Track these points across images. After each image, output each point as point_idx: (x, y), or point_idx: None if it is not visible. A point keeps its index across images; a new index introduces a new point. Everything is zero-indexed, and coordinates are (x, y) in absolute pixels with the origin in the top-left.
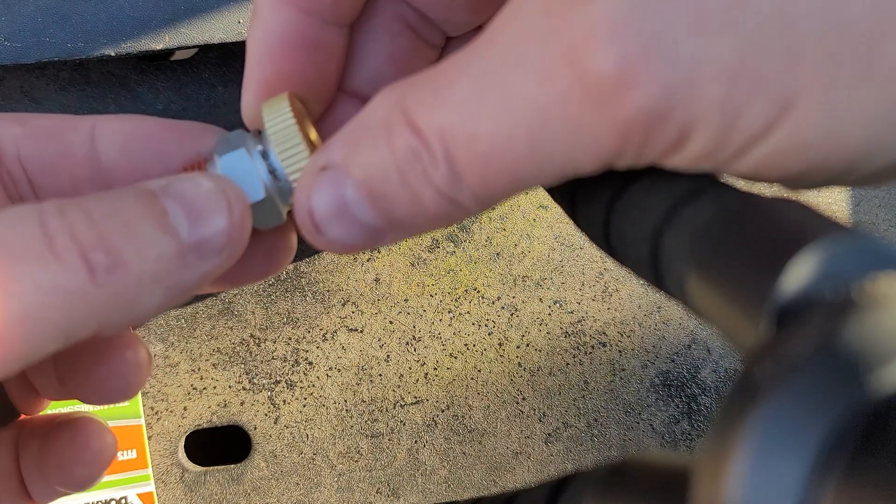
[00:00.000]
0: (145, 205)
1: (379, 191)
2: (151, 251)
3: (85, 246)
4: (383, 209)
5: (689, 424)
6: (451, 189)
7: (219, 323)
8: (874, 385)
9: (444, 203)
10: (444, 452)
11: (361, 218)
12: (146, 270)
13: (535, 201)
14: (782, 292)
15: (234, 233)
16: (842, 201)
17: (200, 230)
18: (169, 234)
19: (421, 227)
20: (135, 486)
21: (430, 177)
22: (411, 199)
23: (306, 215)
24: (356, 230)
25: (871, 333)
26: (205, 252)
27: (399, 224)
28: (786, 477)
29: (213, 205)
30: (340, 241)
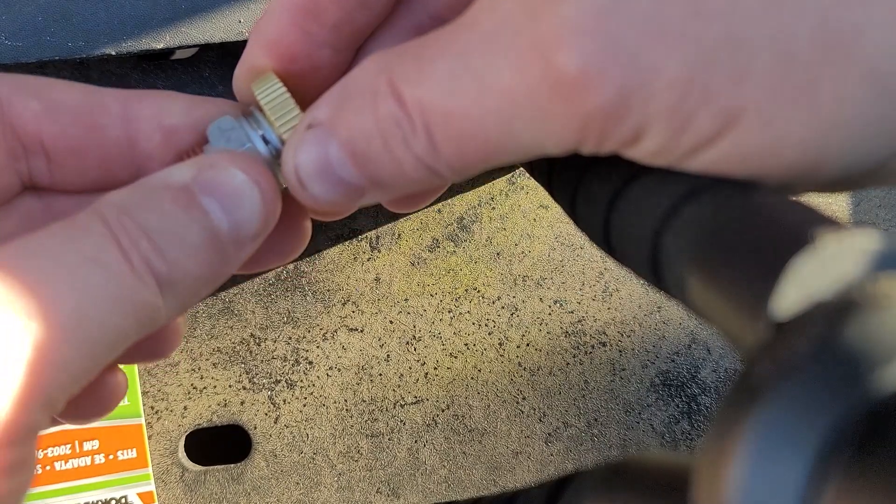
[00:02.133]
0: (187, 208)
1: (362, 152)
2: (201, 256)
3: (153, 263)
4: (365, 169)
5: (689, 424)
6: (428, 158)
7: (219, 322)
8: (874, 385)
9: (423, 169)
10: (444, 452)
11: (344, 176)
12: (199, 275)
13: (535, 201)
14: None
15: (269, 220)
16: (842, 201)
17: (238, 224)
18: (212, 234)
19: (401, 188)
20: (135, 485)
21: (410, 145)
22: (392, 162)
23: (292, 171)
24: (338, 188)
25: (871, 333)
26: (242, 243)
27: (379, 184)
28: (786, 477)
29: (248, 196)
30: (323, 198)
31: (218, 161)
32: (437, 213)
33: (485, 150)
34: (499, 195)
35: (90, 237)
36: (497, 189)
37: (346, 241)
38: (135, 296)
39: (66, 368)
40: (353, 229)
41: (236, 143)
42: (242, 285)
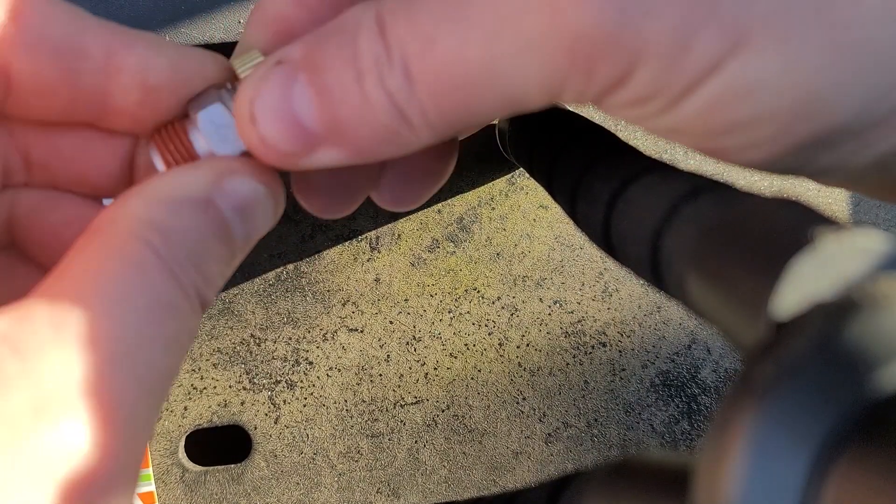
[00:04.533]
0: (215, 224)
1: (329, 88)
2: (224, 270)
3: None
4: (328, 107)
5: (689, 424)
6: (401, 96)
7: (219, 323)
8: (874, 385)
9: (393, 112)
10: (444, 452)
11: (301, 115)
12: (220, 286)
13: (535, 201)
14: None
15: (275, 221)
16: (842, 201)
17: (251, 233)
18: (231, 247)
19: (362, 138)
20: None
21: (385, 80)
22: (361, 100)
23: (246, 102)
24: (291, 130)
25: (870, 333)
26: (248, 249)
27: (339, 131)
28: (786, 476)
29: (265, 209)
30: (271, 140)
31: (235, 168)
32: (437, 213)
33: (463, 92)
34: (499, 195)
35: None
36: (497, 189)
37: (346, 241)
38: (192, 328)
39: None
40: (353, 230)
41: (230, 146)
42: (243, 286)
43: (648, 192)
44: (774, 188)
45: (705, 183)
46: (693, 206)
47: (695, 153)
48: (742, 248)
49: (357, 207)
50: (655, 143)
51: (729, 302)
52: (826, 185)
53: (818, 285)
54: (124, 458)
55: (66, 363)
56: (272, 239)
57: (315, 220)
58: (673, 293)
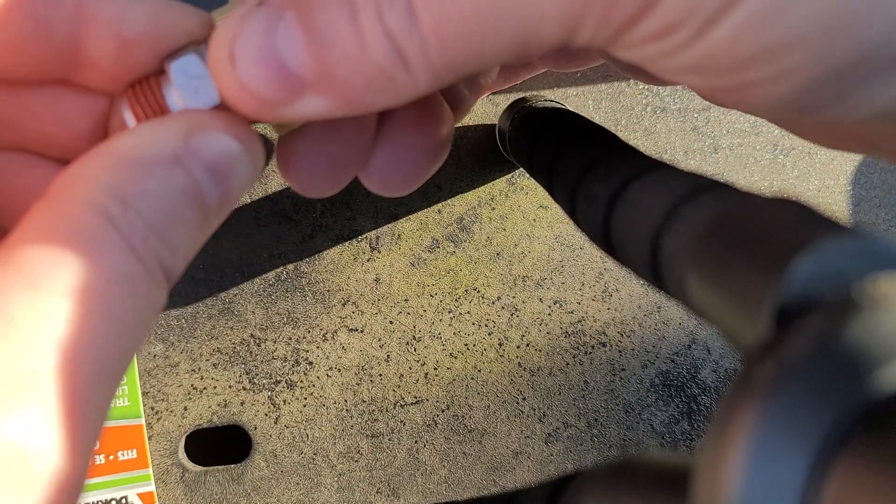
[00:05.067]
0: (183, 187)
1: (320, 26)
2: (195, 236)
3: (164, 261)
4: (318, 50)
5: (689, 424)
6: (402, 32)
7: (219, 323)
8: (874, 385)
9: (391, 52)
10: (444, 452)
11: (286, 58)
12: (192, 255)
13: (535, 201)
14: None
15: (253, 182)
16: (842, 201)
17: (227, 195)
18: (204, 210)
19: (353, 83)
20: (135, 485)
21: (384, 15)
22: (355, 38)
23: (225, 42)
24: (274, 73)
25: (871, 333)
26: (226, 211)
27: (328, 74)
28: (786, 476)
29: (242, 165)
30: (252, 84)
31: (205, 123)
32: (437, 213)
33: (472, 28)
34: (499, 195)
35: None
36: (497, 189)
37: (346, 241)
38: (155, 302)
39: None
40: (353, 230)
41: (203, 98)
42: (242, 286)
43: (648, 192)
44: (774, 188)
45: (705, 183)
46: (693, 206)
47: (695, 153)
48: (742, 247)
49: (343, 187)
50: (655, 144)
51: (729, 302)
52: (848, 148)
53: (818, 285)
54: (76, 447)
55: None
56: (272, 239)
57: (315, 220)
58: (673, 293)
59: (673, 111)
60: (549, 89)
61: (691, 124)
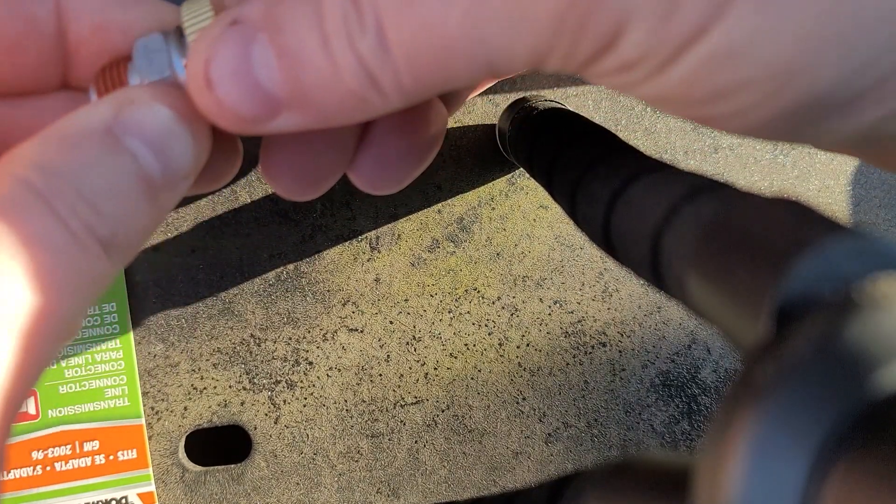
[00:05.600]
0: (114, 155)
1: (293, 50)
2: (137, 206)
3: (95, 228)
4: (292, 72)
5: (690, 424)
6: (373, 60)
7: (219, 323)
8: (874, 385)
9: (363, 77)
10: (444, 452)
11: (262, 79)
12: (139, 226)
13: (535, 201)
14: (783, 292)
15: (200, 157)
16: (842, 201)
17: (170, 166)
18: (145, 180)
19: (327, 107)
20: (135, 485)
21: (355, 42)
22: (327, 63)
23: (200, 65)
24: (251, 94)
25: (871, 334)
26: (175, 185)
27: (303, 97)
28: (786, 476)
29: (177, 135)
30: (231, 104)
31: (139, 96)
32: (437, 213)
33: (443, 56)
34: (499, 195)
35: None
36: (497, 189)
37: (346, 241)
38: (85, 269)
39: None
40: (353, 230)
41: (157, 68)
42: (242, 286)
43: (648, 192)
44: (774, 188)
45: (705, 183)
46: (693, 207)
47: (695, 153)
48: (742, 247)
49: (329, 188)
50: (655, 144)
51: (729, 302)
52: (828, 151)
53: (818, 285)
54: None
55: None
56: (272, 239)
57: (315, 220)
58: (673, 293)
59: None
60: (549, 89)
61: (691, 124)
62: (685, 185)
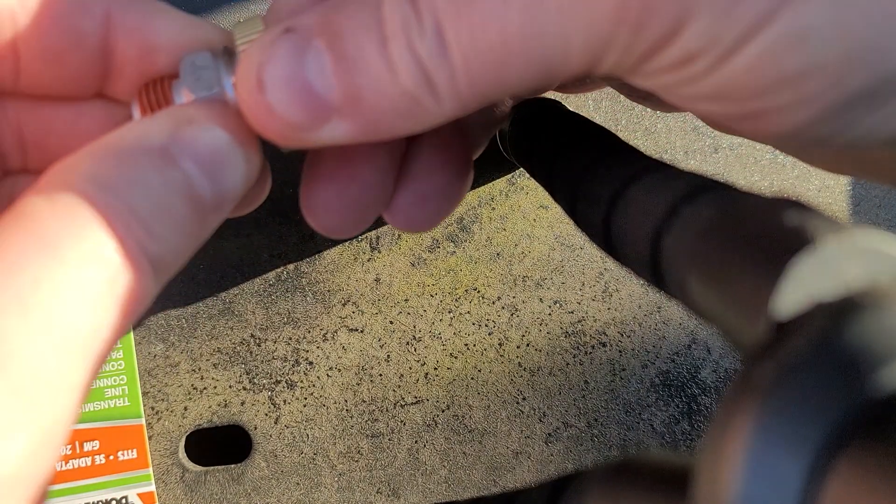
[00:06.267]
0: (170, 176)
1: (350, 54)
2: (186, 227)
3: (146, 246)
4: (347, 77)
5: (690, 424)
6: (431, 60)
7: (219, 323)
8: (874, 385)
9: (420, 79)
10: (444, 452)
11: (316, 85)
12: (186, 247)
13: (535, 201)
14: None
15: (251, 180)
16: (842, 201)
17: (221, 189)
18: (195, 202)
19: (380, 109)
20: (135, 485)
21: (414, 43)
22: (385, 66)
23: (254, 67)
24: (304, 100)
25: (871, 333)
26: (223, 208)
27: (356, 100)
28: (786, 476)
29: (232, 159)
30: (280, 108)
31: (197, 116)
32: None
33: (501, 58)
34: (499, 195)
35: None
36: (497, 189)
37: (346, 241)
38: (135, 287)
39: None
40: None
41: (205, 85)
42: (243, 286)
43: (649, 192)
44: (774, 188)
45: (706, 183)
46: (693, 207)
47: (695, 153)
48: (742, 248)
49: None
50: (656, 144)
51: (729, 302)
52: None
53: (818, 285)
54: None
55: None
56: (272, 239)
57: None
58: (673, 293)
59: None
60: None
61: (691, 124)
62: (685, 185)
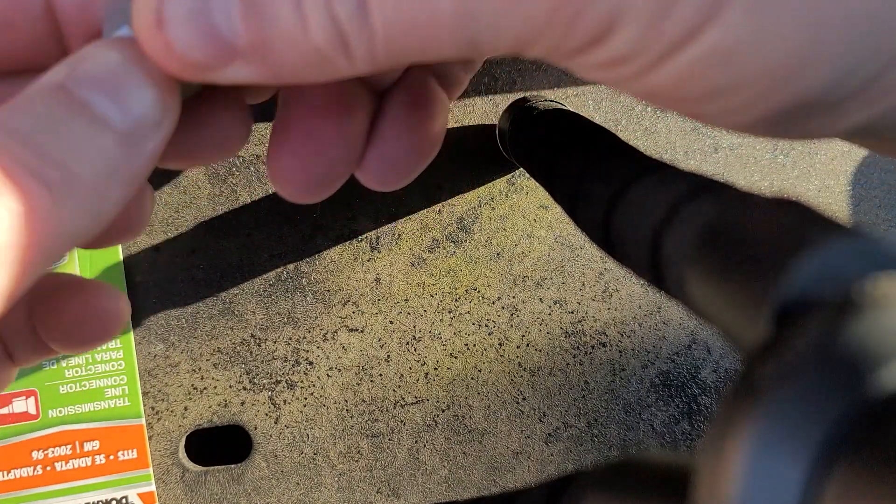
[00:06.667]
0: (65, 104)
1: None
2: (93, 150)
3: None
4: (254, 22)
5: (690, 424)
6: (349, 23)
7: (219, 323)
8: (874, 385)
9: (333, 39)
10: (444, 452)
11: (219, 24)
12: (97, 171)
13: (535, 202)
14: (783, 292)
15: (168, 102)
16: (842, 201)
17: (130, 111)
18: (101, 126)
19: (285, 63)
20: (135, 485)
21: (333, 3)
22: (297, 20)
23: (153, 2)
24: (206, 39)
25: (871, 333)
26: (144, 130)
27: (262, 50)
28: (786, 476)
29: (132, 78)
30: (179, 48)
31: (91, 51)
32: (437, 213)
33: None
34: (499, 195)
35: None
36: (497, 189)
37: (346, 241)
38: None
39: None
40: (353, 230)
41: (115, 26)
42: (243, 286)
43: (649, 192)
44: (774, 188)
45: (705, 183)
46: (693, 207)
47: (695, 153)
48: (742, 248)
49: (336, 189)
50: (655, 144)
51: (729, 302)
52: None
53: (818, 285)
54: None
55: None
56: (272, 239)
57: (315, 220)
58: (673, 293)
59: None
60: (549, 89)
61: (691, 124)
62: (685, 185)
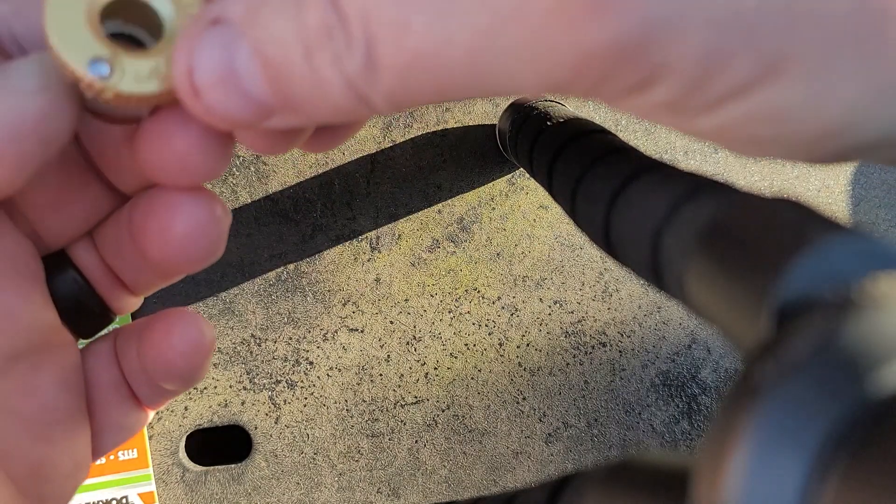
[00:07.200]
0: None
1: (277, 64)
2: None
3: None
4: (278, 86)
5: (689, 424)
6: (362, 81)
7: (220, 323)
8: (874, 385)
9: (351, 96)
10: (444, 452)
11: (250, 89)
12: None
13: (535, 201)
14: (783, 292)
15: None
16: (842, 201)
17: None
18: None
19: (317, 115)
20: (136, 485)
21: (342, 62)
22: (313, 82)
23: (185, 73)
24: (240, 101)
25: (870, 333)
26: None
27: (292, 107)
28: (786, 476)
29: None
30: (220, 110)
31: None
32: (437, 213)
33: (440, 81)
34: (499, 195)
35: None
36: (497, 189)
37: (346, 241)
38: None
39: None
40: (353, 230)
41: None
42: (243, 286)
43: (648, 192)
44: (774, 188)
45: (705, 183)
46: (693, 206)
47: (695, 153)
48: (742, 247)
49: (335, 192)
50: (655, 144)
51: (729, 302)
52: None
53: (818, 285)
54: None
55: None
56: (272, 239)
57: (315, 220)
58: (673, 293)
59: None
60: None
61: None
62: (685, 184)
